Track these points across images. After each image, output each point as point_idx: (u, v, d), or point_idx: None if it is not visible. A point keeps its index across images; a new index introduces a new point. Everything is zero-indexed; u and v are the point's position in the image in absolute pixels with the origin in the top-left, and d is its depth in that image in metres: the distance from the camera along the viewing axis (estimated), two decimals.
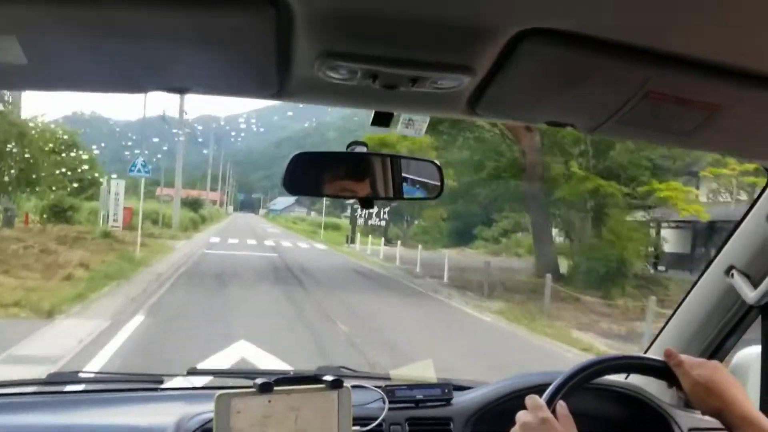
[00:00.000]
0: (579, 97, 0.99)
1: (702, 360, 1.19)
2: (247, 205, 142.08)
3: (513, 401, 1.54)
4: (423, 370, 1.85)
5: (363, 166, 1.32)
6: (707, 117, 1.00)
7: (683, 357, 1.19)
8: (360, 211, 34.91)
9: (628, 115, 1.00)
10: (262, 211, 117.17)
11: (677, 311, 1.84)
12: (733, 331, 1.71)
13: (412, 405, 1.66)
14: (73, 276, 12.80)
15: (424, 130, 1.50)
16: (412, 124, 1.47)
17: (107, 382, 1.98)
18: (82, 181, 30.72)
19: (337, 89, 0.98)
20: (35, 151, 21.88)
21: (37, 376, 1.77)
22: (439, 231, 43.31)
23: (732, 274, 1.60)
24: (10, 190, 22.01)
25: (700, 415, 1.20)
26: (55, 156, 26.41)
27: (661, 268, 24.45)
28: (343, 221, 55.29)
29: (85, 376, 1.92)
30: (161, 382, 1.84)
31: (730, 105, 0.97)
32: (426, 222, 44.01)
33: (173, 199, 41.03)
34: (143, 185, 21.88)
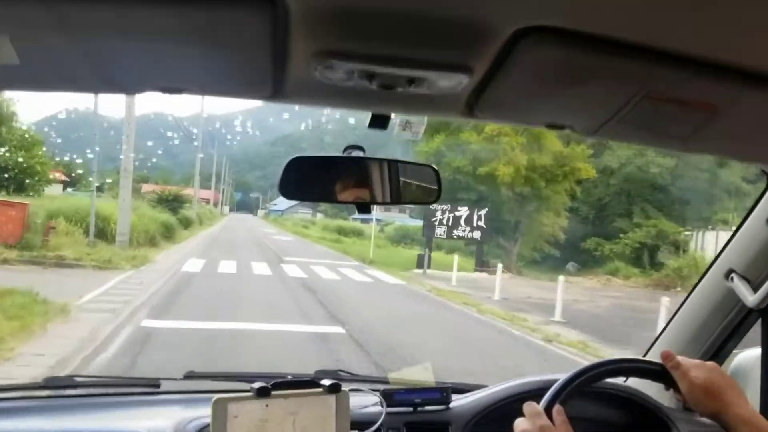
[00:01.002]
0: (578, 98, 0.98)
1: (699, 362, 1.19)
2: (244, 206, 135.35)
3: (511, 405, 1.53)
4: (421, 374, 1.84)
5: (360, 171, 1.31)
6: (707, 118, 0.99)
7: (680, 359, 1.19)
8: (442, 214, 25.58)
9: (628, 116, 1.00)
10: (261, 212, 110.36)
11: (677, 315, 1.83)
12: (732, 335, 1.71)
13: (411, 409, 1.65)
14: None
15: (422, 132, 1.49)
16: (410, 126, 1.47)
17: (104, 386, 1.96)
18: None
19: (334, 90, 0.97)
20: None
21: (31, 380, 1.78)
22: (554, 246, 30.58)
23: (732, 278, 1.60)
24: None
25: (700, 418, 1.19)
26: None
27: None
28: (363, 227, 44.40)
29: (81, 380, 1.90)
30: (158, 386, 1.83)
31: (730, 106, 0.96)
32: (538, 230, 29.72)
33: (158, 196, 36.29)
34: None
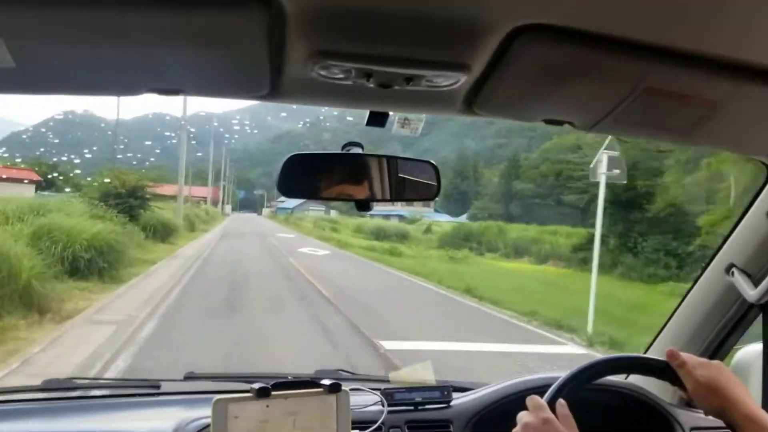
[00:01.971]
0: (576, 94, 0.98)
1: (705, 360, 1.19)
2: (248, 204, 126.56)
3: (513, 403, 1.53)
4: (422, 373, 1.84)
5: (359, 167, 1.31)
6: (706, 112, 0.99)
7: (686, 357, 1.19)
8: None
9: (626, 111, 1.00)
10: (266, 210, 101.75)
11: (677, 310, 1.83)
12: (733, 330, 1.71)
13: (411, 408, 1.65)
14: None
15: (420, 129, 1.48)
16: (408, 123, 1.46)
17: (104, 388, 1.96)
18: None
19: (331, 89, 0.97)
20: None
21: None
22: None
23: (732, 273, 1.59)
24: None
25: (702, 415, 1.19)
26: None
27: None
28: (407, 227, 38.96)
29: (81, 382, 1.90)
30: (158, 387, 1.83)
31: (729, 100, 0.96)
32: None
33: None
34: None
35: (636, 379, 1.75)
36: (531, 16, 0.78)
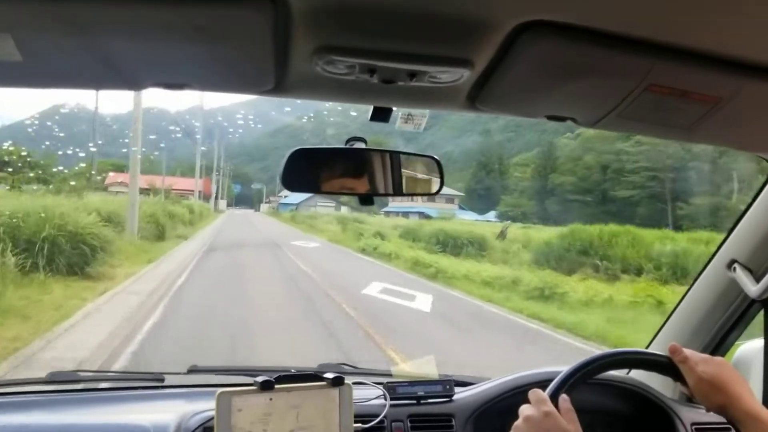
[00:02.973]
0: (579, 91, 0.98)
1: (707, 356, 1.19)
2: (244, 199, 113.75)
3: (515, 397, 1.54)
4: (425, 367, 1.85)
5: (362, 162, 1.31)
6: (709, 109, 0.99)
7: (688, 352, 1.19)
8: None
9: (629, 108, 1.00)
10: (265, 206, 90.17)
11: (679, 306, 1.83)
12: (735, 326, 1.71)
13: (414, 401, 1.66)
14: None
15: (424, 124, 1.49)
16: (411, 118, 1.47)
17: (108, 380, 1.97)
18: None
19: (335, 84, 0.97)
20: None
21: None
22: None
23: (734, 268, 1.59)
24: None
25: (703, 410, 1.19)
26: None
27: None
28: (481, 229, 25.78)
29: (85, 375, 1.91)
30: (162, 380, 1.84)
31: (732, 97, 0.96)
32: None
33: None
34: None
35: (637, 374, 1.76)
36: (535, 12, 0.79)
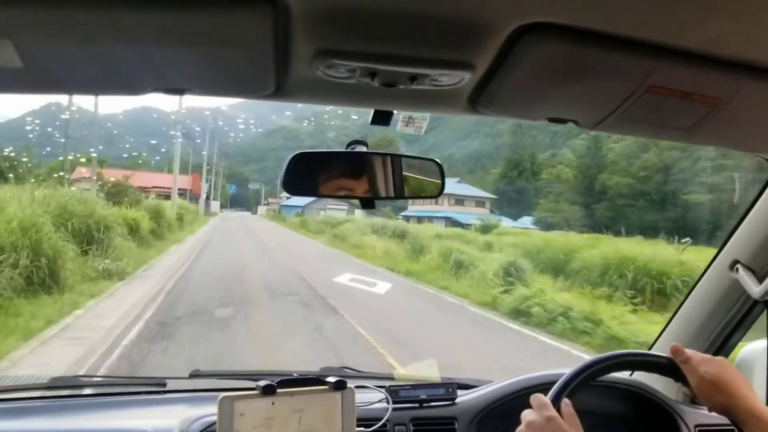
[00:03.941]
0: (580, 93, 0.98)
1: (709, 356, 1.19)
2: (240, 201, 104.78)
3: (517, 400, 1.53)
4: (427, 370, 1.84)
5: (363, 166, 1.32)
6: (709, 110, 0.99)
7: (690, 353, 1.18)
8: None
9: (630, 110, 1.00)
10: (262, 208, 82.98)
11: (682, 306, 1.82)
12: (738, 326, 1.70)
13: (416, 405, 1.66)
14: None
15: (425, 127, 1.49)
16: (412, 122, 1.46)
17: (110, 386, 1.97)
18: None
19: (336, 88, 0.97)
20: None
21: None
22: None
23: (737, 269, 1.59)
24: None
25: (707, 412, 1.19)
26: None
27: None
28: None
29: (87, 380, 1.91)
30: (164, 385, 1.84)
31: (733, 98, 0.96)
32: None
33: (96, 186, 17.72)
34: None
35: (640, 376, 1.75)
36: (535, 15, 0.79)
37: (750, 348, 1.73)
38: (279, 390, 1.34)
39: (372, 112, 1.15)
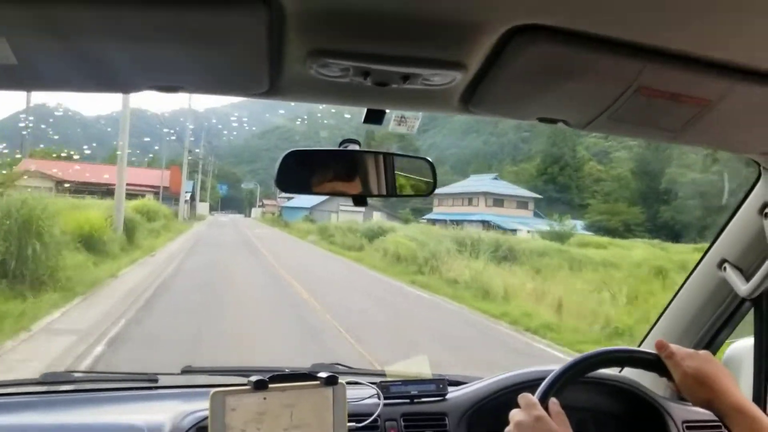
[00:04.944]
0: (571, 93, 1.00)
1: (693, 351, 1.20)
2: (232, 203, 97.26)
3: (508, 396, 1.55)
4: (418, 366, 1.86)
5: (356, 164, 1.33)
6: (698, 111, 1.01)
7: (674, 348, 1.19)
8: None
9: (619, 110, 1.01)
10: (257, 210, 77.32)
11: (670, 304, 1.84)
12: (725, 324, 1.72)
13: (407, 401, 1.67)
14: None
15: (417, 126, 1.50)
16: (405, 121, 1.48)
17: (102, 381, 1.97)
18: None
19: (329, 87, 0.98)
20: None
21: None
22: None
23: (724, 268, 1.61)
24: None
25: (693, 407, 1.20)
26: None
27: None
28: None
29: (79, 375, 1.91)
30: (156, 381, 1.84)
31: (721, 99, 0.98)
32: None
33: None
34: None
35: (630, 373, 1.77)
36: (527, 16, 0.80)
37: (737, 345, 1.75)
38: (270, 385, 1.34)
39: (365, 111, 1.16)
